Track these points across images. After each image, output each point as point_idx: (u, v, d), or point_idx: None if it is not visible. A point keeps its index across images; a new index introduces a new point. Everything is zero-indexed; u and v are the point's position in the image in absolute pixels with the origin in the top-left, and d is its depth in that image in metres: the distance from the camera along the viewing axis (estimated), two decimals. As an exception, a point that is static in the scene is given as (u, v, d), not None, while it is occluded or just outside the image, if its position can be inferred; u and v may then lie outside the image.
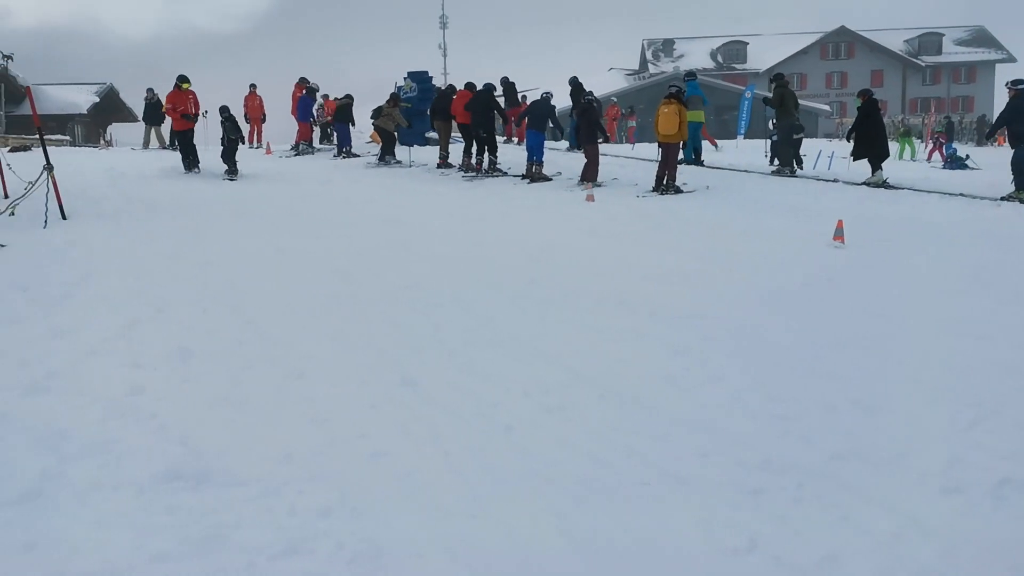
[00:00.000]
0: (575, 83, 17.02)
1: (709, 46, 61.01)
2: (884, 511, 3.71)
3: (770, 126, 19.09)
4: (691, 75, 18.32)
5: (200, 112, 17.13)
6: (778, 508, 3.76)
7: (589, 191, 13.87)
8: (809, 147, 20.43)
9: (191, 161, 16.58)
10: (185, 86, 16.70)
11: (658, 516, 3.74)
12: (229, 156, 16.34)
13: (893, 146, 26.39)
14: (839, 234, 9.76)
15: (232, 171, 16.21)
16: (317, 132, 24.73)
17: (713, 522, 3.65)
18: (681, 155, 14.92)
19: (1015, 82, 13.22)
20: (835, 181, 15.22)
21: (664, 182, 14.09)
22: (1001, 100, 47.63)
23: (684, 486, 4.01)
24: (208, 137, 23.01)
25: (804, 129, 20.97)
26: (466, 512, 3.76)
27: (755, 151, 21.79)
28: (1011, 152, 13.39)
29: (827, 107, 51.54)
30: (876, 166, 14.85)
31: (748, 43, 60.09)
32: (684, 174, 14.97)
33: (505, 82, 18.29)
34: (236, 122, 16.90)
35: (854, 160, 15.30)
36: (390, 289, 7.64)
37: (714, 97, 46.22)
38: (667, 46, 61.72)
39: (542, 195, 14.37)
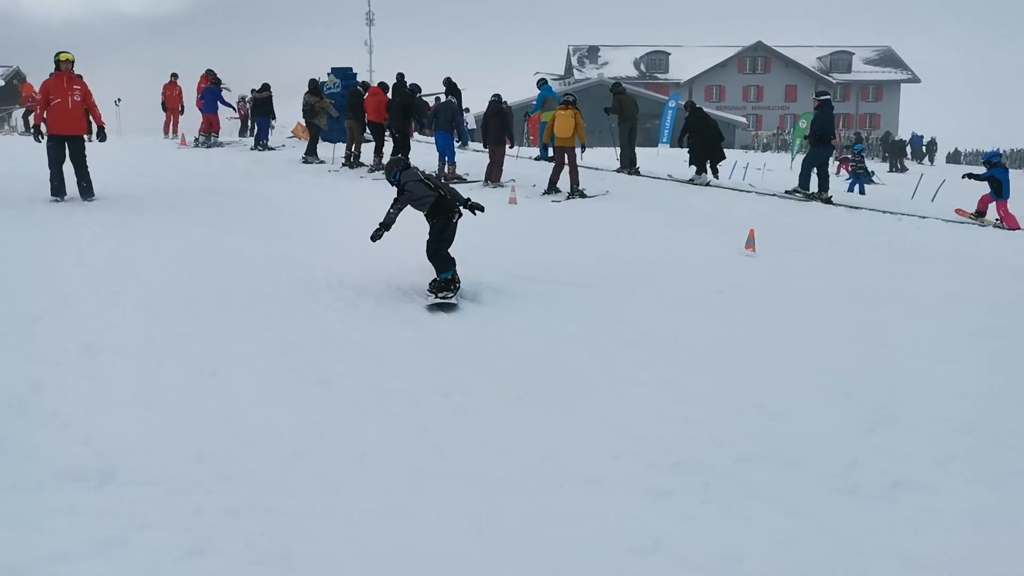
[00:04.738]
0: (449, 83, 17.02)
1: (633, 55, 61.95)
2: (784, 511, 3.86)
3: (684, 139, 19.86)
4: (544, 81, 19.83)
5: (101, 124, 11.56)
6: (684, 509, 3.86)
7: (512, 195, 13.96)
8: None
9: (57, 187, 11.00)
10: (63, 57, 11.00)
11: (570, 516, 3.81)
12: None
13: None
14: (751, 243, 10.05)
15: None
16: (237, 124, 24.24)
17: (621, 522, 3.73)
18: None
19: (819, 94, 15.04)
20: (749, 191, 15.66)
21: (557, 185, 14.40)
22: (905, 118, 49.45)
23: (595, 487, 4.08)
24: (121, 127, 22.32)
25: (724, 138, 21.55)
26: (380, 512, 3.76)
27: (676, 160, 22.22)
28: (919, 170, 14.22)
29: (744, 119, 52.92)
30: (702, 168, 16.29)
31: (670, 53, 61.23)
32: (587, 178, 15.15)
33: (447, 82, 18.15)
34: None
35: (690, 165, 16.61)
36: (308, 287, 7.54)
37: (638, 105, 47.10)
38: (592, 53, 62.43)
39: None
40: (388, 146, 16.45)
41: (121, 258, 8.26)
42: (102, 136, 11.72)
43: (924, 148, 42.76)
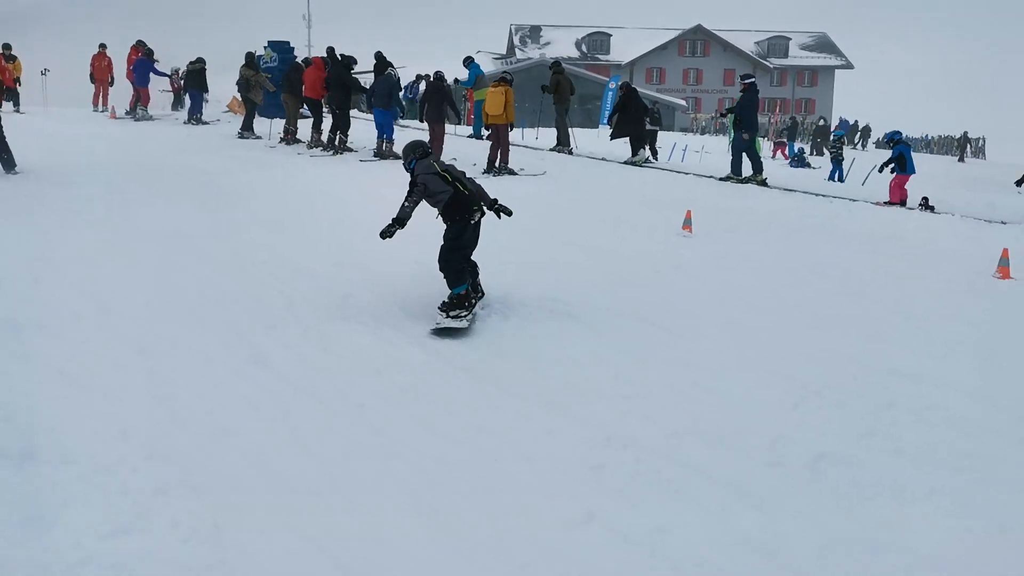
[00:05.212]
0: (379, 57, 16.82)
1: (574, 35, 61.99)
2: (712, 484, 3.95)
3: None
4: (470, 59, 19.98)
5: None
6: (616, 482, 3.93)
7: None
8: (665, 140, 21.17)
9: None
10: None
11: (506, 492, 3.84)
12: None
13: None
14: (687, 223, 10.19)
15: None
16: (170, 97, 23.61)
17: (556, 496, 3.77)
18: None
19: (744, 76, 15.24)
20: (687, 173, 15.86)
21: (496, 164, 14.38)
22: (840, 104, 50.29)
23: (531, 463, 4.12)
24: (47, 98, 21.56)
25: (661, 122, 21.82)
26: (314, 490, 3.73)
27: (617, 141, 22.37)
28: (851, 154, 14.63)
29: (683, 102, 53.46)
30: (636, 148, 16.63)
31: (611, 35, 61.44)
32: (526, 157, 15.19)
33: (378, 56, 17.85)
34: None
35: (611, 140, 17.07)
36: (244, 263, 7.42)
37: (579, 86, 47.12)
38: (534, 32, 62.30)
39: (397, 174, 14.22)
40: (327, 122, 16.20)
41: (49, 233, 8.00)
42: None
43: (859, 133, 43.76)
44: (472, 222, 6.25)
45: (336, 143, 15.83)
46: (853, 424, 4.70)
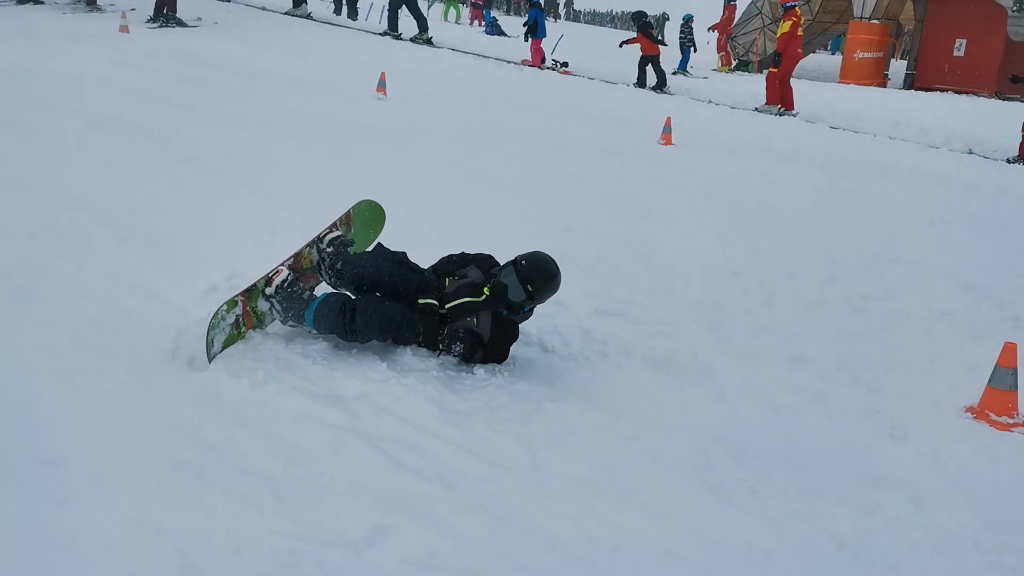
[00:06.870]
0: None
1: None
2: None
3: None
4: None
5: None
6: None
7: (123, 21, 12.54)
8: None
9: None
10: None
11: (132, 354, 3.65)
12: None
13: (439, 8, 27.59)
14: (382, 86, 10.06)
15: None
16: None
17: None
18: None
19: None
20: (384, 36, 15.56)
21: (164, 12, 13.60)
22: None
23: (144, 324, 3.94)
24: None
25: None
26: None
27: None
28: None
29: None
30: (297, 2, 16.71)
31: None
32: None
33: None
34: None
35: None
36: None
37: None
38: None
39: (66, 23, 12.60)
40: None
41: None
42: None
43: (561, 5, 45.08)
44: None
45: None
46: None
